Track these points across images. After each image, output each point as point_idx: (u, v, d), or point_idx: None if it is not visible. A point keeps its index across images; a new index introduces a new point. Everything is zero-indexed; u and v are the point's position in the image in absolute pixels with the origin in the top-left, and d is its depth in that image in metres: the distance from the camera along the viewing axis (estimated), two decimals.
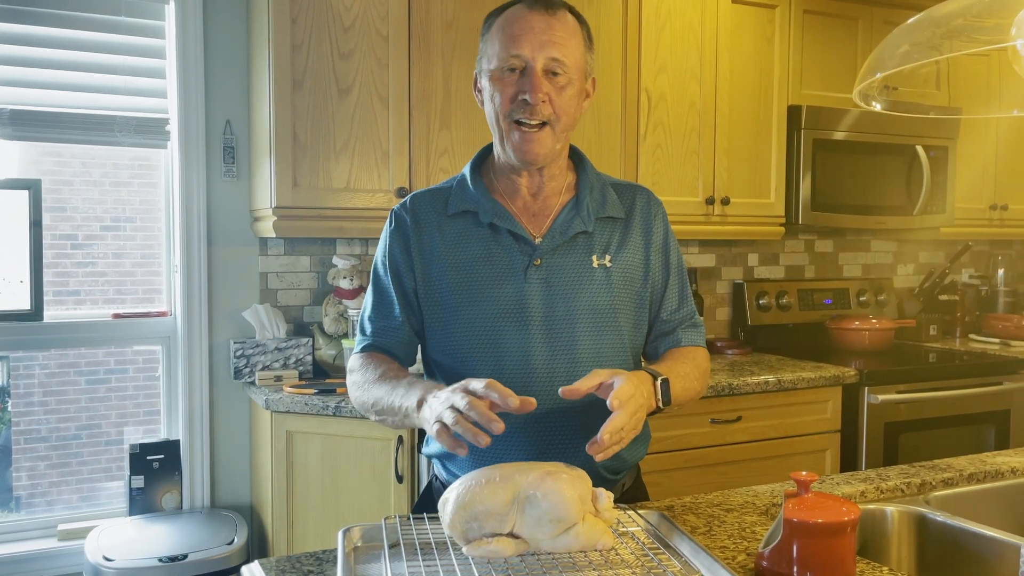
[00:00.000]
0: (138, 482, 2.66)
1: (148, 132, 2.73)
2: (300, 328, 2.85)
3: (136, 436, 2.79)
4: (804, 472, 1.14)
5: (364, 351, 1.49)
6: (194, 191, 2.71)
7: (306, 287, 2.88)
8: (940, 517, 1.46)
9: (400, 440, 2.33)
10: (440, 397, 1.20)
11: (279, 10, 2.44)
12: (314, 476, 2.39)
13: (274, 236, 2.58)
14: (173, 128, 2.72)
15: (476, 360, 1.39)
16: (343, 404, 2.31)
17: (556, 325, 1.39)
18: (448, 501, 1.09)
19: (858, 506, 1.12)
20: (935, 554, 1.46)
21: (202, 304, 2.73)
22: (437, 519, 1.16)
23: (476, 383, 1.17)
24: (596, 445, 1.15)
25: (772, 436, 2.76)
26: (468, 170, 1.49)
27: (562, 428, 1.38)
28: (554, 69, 1.36)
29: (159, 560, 2.28)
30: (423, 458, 2.32)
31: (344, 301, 2.77)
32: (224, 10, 2.74)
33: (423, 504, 1.56)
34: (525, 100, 1.35)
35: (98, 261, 2.75)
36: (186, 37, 2.68)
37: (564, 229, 1.42)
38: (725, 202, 3.03)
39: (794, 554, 1.08)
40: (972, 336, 3.76)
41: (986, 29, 1.25)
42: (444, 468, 1.49)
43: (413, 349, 1.52)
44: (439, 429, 1.15)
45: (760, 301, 3.45)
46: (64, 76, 2.62)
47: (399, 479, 2.34)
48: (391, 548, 1.11)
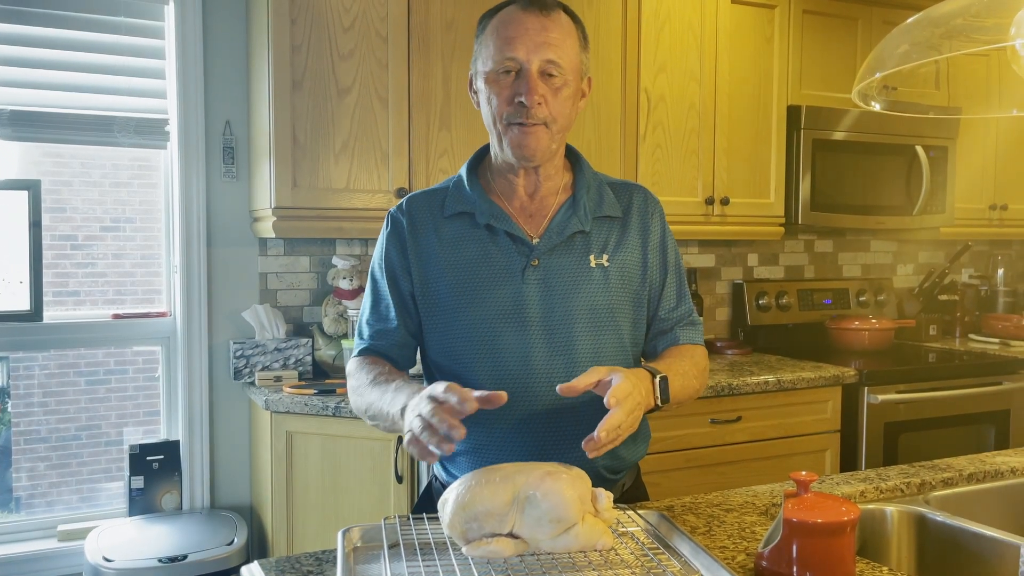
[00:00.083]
0: (138, 483, 2.66)
1: (148, 133, 2.73)
2: (300, 328, 2.85)
3: (136, 437, 2.79)
4: (804, 472, 1.14)
5: (361, 355, 1.49)
6: (194, 192, 2.71)
7: (306, 287, 2.88)
8: (940, 517, 1.46)
9: (400, 440, 2.33)
10: (410, 405, 1.20)
11: (278, 11, 2.44)
12: (314, 476, 2.39)
13: (274, 236, 2.58)
14: (173, 129, 2.72)
15: (475, 362, 1.39)
16: (343, 404, 2.31)
17: (555, 325, 1.38)
18: (448, 501, 1.09)
19: (858, 506, 1.12)
20: (935, 554, 1.46)
21: (202, 304, 2.73)
22: (437, 519, 1.16)
23: (439, 387, 1.16)
24: (592, 442, 1.15)
25: (772, 436, 2.76)
26: (464, 171, 1.48)
27: (562, 428, 1.38)
28: (550, 71, 1.35)
29: (159, 561, 2.28)
30: None
31: (344, 301, 2.77)
32: (223, 11, 2.74)
33: (423, 504, 1.56)
34: (521, 102, 1.34)
35: (98, 262, 2.75)
36: (185, 38, 2.68)
37: (561, 229, 1.42)
38: (725, 202, 3.03)
39: (794, 554, 1.08)
40: (972, 336, 3.76)
41: (985, 29, 1.25)
42: (444, 469, 1.49)
43: (411, 352, 1.51)
44: (409, 438, 1.15)
45: (760, 301, 3.45)
46: (64, 77, 2.62)
47: (399, 479, 2.34)
48: (391, 548, 1.11)
